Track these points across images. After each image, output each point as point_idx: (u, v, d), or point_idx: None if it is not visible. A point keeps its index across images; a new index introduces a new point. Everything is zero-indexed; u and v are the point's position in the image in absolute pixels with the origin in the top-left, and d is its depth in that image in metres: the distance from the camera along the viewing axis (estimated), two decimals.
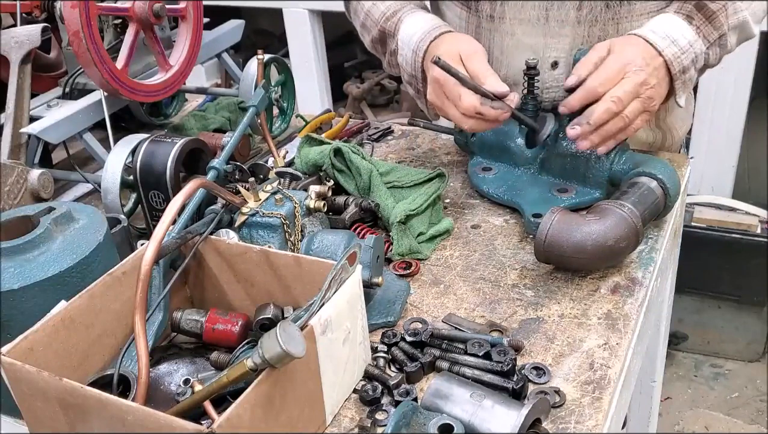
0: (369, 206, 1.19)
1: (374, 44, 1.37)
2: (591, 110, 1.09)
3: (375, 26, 1.33)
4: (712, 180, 2.73)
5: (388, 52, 1.33)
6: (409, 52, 1.24)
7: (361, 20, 1.37)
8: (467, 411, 0.81)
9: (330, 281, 0.83)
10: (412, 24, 1.25)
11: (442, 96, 1.15)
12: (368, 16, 1.35)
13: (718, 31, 1.19)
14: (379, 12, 1.32)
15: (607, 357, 0.94)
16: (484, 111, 1.10)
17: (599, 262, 1.06)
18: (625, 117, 1.09)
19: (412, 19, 1.26)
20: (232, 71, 1.73)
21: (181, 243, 0.96)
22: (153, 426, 0.70)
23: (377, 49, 1.38)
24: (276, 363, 0.72)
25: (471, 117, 1.12)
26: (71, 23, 1.26)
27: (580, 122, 1.09)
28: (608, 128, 1.10)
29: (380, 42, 1.34)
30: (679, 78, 1.16)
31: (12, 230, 0.96)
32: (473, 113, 1.11)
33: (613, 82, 1.09)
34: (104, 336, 0.90)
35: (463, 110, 1.11)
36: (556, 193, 1.22)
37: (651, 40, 1.13)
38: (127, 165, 1.22)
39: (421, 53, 1.22)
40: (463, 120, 1.13)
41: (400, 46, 1.27)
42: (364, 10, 1.35)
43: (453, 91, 1.12)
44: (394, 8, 1.30)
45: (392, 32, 1.29)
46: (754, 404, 2.52)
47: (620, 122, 1.09)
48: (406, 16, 1.28)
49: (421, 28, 1.23)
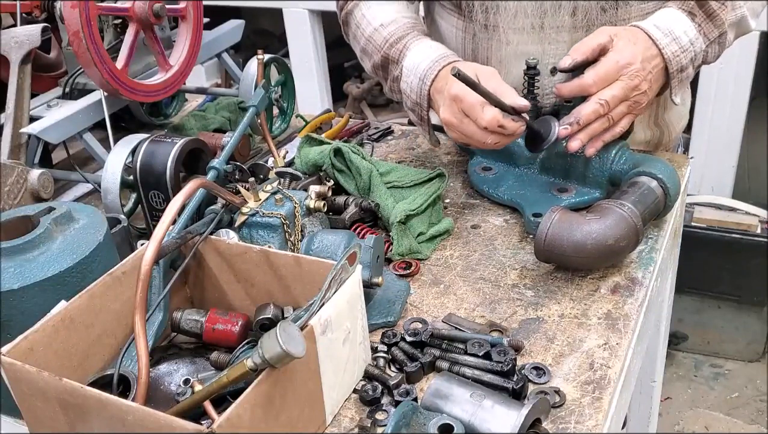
0: (369, 206, 1.19)
1: (375, 69, 1.35)
2: (579, 109, 1.13)
3: (377, 52, 1.31)
4: (712, 180, 2.73)
5: (390, 79, 1.31)
6: (415, 80, 1.22)
7: (362, 45, 1.35)
8: (467, 411, 0.81)
9: (330, 281, 0.83)
10: (420, 52, 1.23)
11: (460, 114, 1.13)
12: (369, 42, 1.32)
13: (719, 29, 1.20)
14: (382, 38, 1.30)
15: (607, 357, 0.94)
16: (506, 123, 1.10)
17: (599, 261, 1.06)
18: (610, 118, 1.13)
19: (420, 47, 1.24)
20: (232, 71, 1.73)
21: (181, 243, 0.96)
22: (153, 426, 0.70)
23: (378, 74, 1.36)
24: (276, 363, 0.72)
25: (492, 132, 1.11)
26: (71, 23, 1.26)
27: (570, 122, 1.12)
28: (594, 126, 1.13)
29: (382, 68, 1.32)
30: (675, 77, 1.17)
31: (12, 230, 0.96)
32: (495, 126, 1.10)
33: (606, 82, 1.11)
34: (104, 336, 0.90)
35: (486, 123, 1.09)
36: (556, 193, 1.22)
37: (653, 35, 1.14)
38: (127, 165, 1.22)
39: (429, 81, 1.20)
40: (485, 135, 1.11)
41: (405, 74, 1.25)
42: (365, 35, 1.33)
43: (474, 107, 1.10)
44: (398, 35, 1.28)
45: (396, 59, 1.27)
46: (754, 404, 2.52)
47: (606, 122, 1.13)
48: (412, 43, 1.26)
49: (429, 57, 1.21)
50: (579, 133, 1.13)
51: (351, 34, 1.40)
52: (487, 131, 1.11)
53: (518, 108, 1.11)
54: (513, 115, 1.11)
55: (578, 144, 1.13)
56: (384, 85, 1.37)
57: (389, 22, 1.30)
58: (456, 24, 1.35)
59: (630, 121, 1.16)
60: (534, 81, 1.22)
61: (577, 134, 1.13)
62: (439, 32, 1.41)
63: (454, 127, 1.15)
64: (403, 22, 1.30)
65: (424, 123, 1.27)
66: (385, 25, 1.30)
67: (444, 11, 1.38)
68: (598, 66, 1.12)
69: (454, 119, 1.13)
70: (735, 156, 2.68)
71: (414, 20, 1.33)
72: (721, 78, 2.54)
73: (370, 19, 1.33)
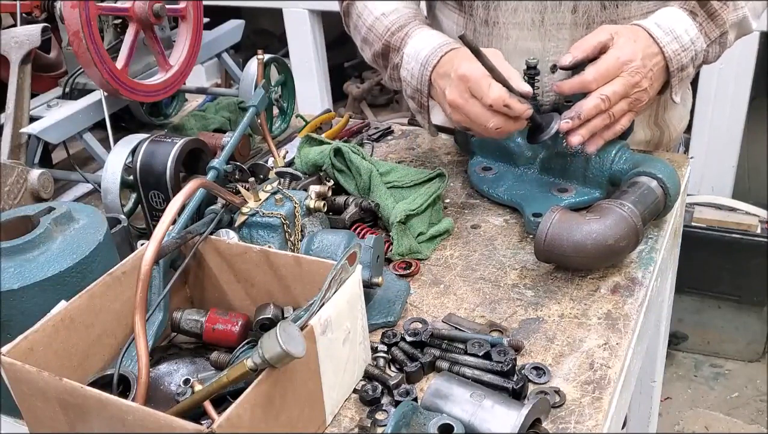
0: (369, 206, 1.19)
1: (376, 58, 1.36)
2: (580, 104, 1.12)
3: (378, 41, 1.32)
4: (712, 180, 2.72)
5: (390, 66, 1.32)
6: (416, 66, 1.22)
7: (363, 35, 1.36)
8: (467, 411, 0.81)
9: (330, 281, 0.83)
10: (421, 39, 1.24)
11: (465, 93, 1.11)
12: (371, 31, 1.33)
13: (720, 29, 1.20)
14: (384, 27, 1.31)
15: (607, 357, 0.94)
16: (512, 104, 1.08)
17: (599, 261, 1.06)
18: (611, 115, 1.12)
19: (421, 35, 1.25)
20: (232, 71, 1.73)
21: (181, 243, 0.96)
22: (153, 426, 0.70)
23: (378, 63, 1.36)
24: (276, 363, 0.72)
25: (497, 112, 1.09)
26: (71, 23, 1.26)
27: (571, 116, 1.12)
28: (596, 123, 1.12)
29: (382, 56, 1.33)
30: (676, 75, 1.17)
31: (12, 230, 0.96)
32: (501, 106, 1.08)
33: (606, 79, 1.11)
34: (104, 336, 0.90)
35: (492, 101, 1.08)
36: (556, 193, 1.22)
37: (654, 34, 1.14)
38: (127, 165, 1.22)
39: (431, 66, 1.20)
40: (489, 116, 1.10)
41: (406, 60, 1.25)
42: (366, 25, 1.34)
43: (480, 85, 1.08)
44: (400, 23, 1.29)
45: (397, 47, 1.28)
46: (754, 404, 2.52)
47: (607, 118, 1.13)
48: (414, 31, 1.27)
49: (430, 44, 1.22)
50: (580, 128, 1.12)
51: (352, 24, 1.41)
52: (492, 109, 1.09)
53: (522, 92, 1.10)
54: (519, 97, 1.10)
55: (579, 139, 1.12)
56: (383, 75, 1.38)
57: (391, 12, 1.32)
58: (457, 21, 1.36)
59: (630, 119, 1.16)
60: (534, 81, 1.22)
61: (578, 129, 1.12)
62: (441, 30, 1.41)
63: (459, 107, 1.13)
64: (404, 11, 1.32)
65: (424, 110, 1.27)
66: (386, 15, 1.32)
67: (445, 8, 1.39)
68: (599, 63, 1.11)
69: (461, 98, 1.12)
70: (735, 156, 2.68)
71: (415, 11, 1.34)
72: (721, 78, 2.54)
73: (371, 9, 1.34)
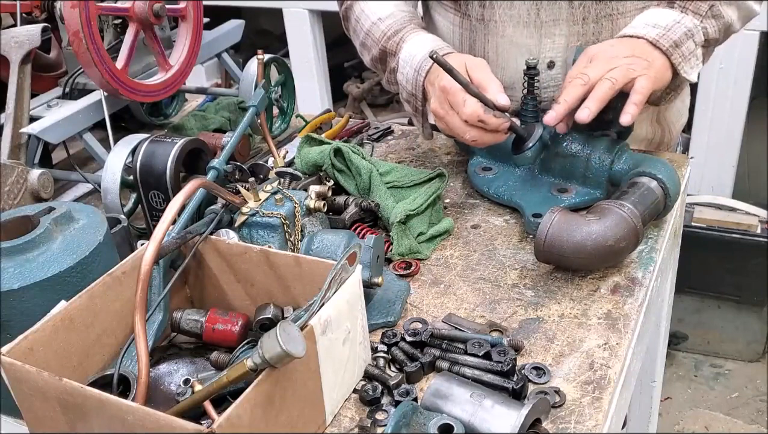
0: (369, 206, 1.19)
1: (374, 62, 1.37)
2: (560, 91, 1.12)
3: (376, 45, 1.33)
4: (712, 180, 2.72)
5: (388, 70, 1.34)
6: (410, 71, 1.24)
7: (361, 39, 1.38)
8: (467, 411, 0.81)
9: (330, 281, 0.83)
10: (415, 44, 1.25)
11: (446, 105, 1.14)
12: (368, 36, 1.35)
13: (707, 2, 1.18)
14: (380, 31, 1.32)
15: (607, 357, 0.94)
16: (486, 119, 1.09)
17: (599, 262, 1.06)
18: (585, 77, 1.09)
19: (415, 40, 1.27)
20: (232, 71, 1.73)
21: (181, 243, 0.96)
22: (153, 426, 0.70)
23: (377, 67, 1.38)
24: (276, 363, 0.72)
25: (473, 126, 1.11)
26: (71, 23, 1.26)
27: (554, 107, 1.10)
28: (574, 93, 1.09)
29: (380, 61, 1.35)
30: (674, 52, 1.14)
31: (12, 230, 0.96)
32: (476, 121, 1.10)
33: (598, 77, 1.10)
34: (104, 336, 0.90)
35: (467, 117, 1.10)
36: (556, 193, 1.22)
37: (629, 33, 1.15)
38: (127, 165, 1.22)
39: (424, 72, 1.21)
40: (465, 129, 1.12)
41: (401, 65, 1.27)
42: (364, 29, 1.36)
43: (457, 98, 1.10)
44: (395, 28, 1.31)
45: (393, 51, 1.30)
46: (754, 404, 2.52)
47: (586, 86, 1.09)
48: (408, 35, 1.28)
49: (424, 48, 1.23)
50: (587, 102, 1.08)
51: (351, 28, 1.43)
52: (468, 124, 1.11)
53: (498, 105, 1.10)
54: (495, 111, 1.09)
55: (564, 127, 1.13)
56: (382, 78, 1.39)
57: (387, 16, 1.33)
58: (453, 20, 1.36)
59: (628, 78, 1.10)
60: (534, 81, 1.23)
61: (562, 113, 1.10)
62: (437, 29, 1.43)
63: (440, 118, 1.16)
64: (400, 15, 1.33)
65: (419, 114, 1.29)
66: (383, 19, 1.33)
67: (441, 8, 1.40)
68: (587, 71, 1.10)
69: (441, 109, 1.15)
70: (735, 156, 2.68)
71: (411, 14, 1.35)
72: (721, 78, 2.54)
73: (368, 14, 1.36)
